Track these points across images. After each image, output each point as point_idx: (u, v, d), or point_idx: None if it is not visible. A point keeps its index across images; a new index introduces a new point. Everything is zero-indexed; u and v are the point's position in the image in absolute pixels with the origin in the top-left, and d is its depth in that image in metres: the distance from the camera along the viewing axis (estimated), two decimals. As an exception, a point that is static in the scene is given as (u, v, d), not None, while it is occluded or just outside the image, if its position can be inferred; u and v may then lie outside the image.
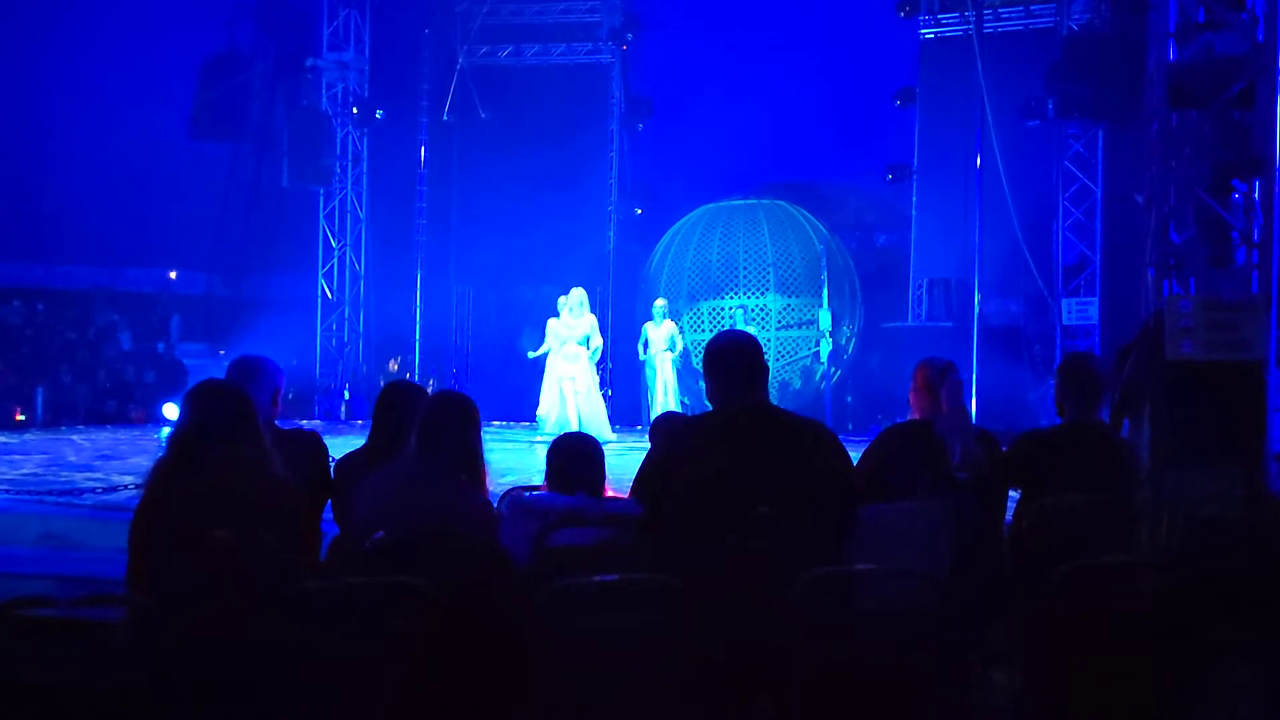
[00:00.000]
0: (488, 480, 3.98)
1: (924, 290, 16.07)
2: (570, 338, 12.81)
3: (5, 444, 12.24)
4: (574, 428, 12.46)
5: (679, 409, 12.73)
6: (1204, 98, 7.47)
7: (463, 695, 3.16)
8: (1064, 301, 14.72)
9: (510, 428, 14.46)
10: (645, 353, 13.63)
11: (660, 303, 13.83)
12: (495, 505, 4.19)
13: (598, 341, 13.06)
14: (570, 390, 12.67)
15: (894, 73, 16.50)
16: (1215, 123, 7.50)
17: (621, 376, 16.44)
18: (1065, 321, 14.67)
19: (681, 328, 15.69)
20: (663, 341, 13.50)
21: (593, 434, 12.34)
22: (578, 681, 3.00)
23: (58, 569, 6.23)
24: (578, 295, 13.00)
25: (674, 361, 13.53)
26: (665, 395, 13.37)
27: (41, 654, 3.09)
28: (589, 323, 12.98)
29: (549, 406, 12.77)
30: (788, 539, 3.64)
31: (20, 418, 14.77)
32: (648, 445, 4.45)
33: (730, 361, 3.99)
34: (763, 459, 3.83)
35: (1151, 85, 8.03)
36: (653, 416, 13.33)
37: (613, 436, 12.57)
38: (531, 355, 13.09)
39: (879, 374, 16.07)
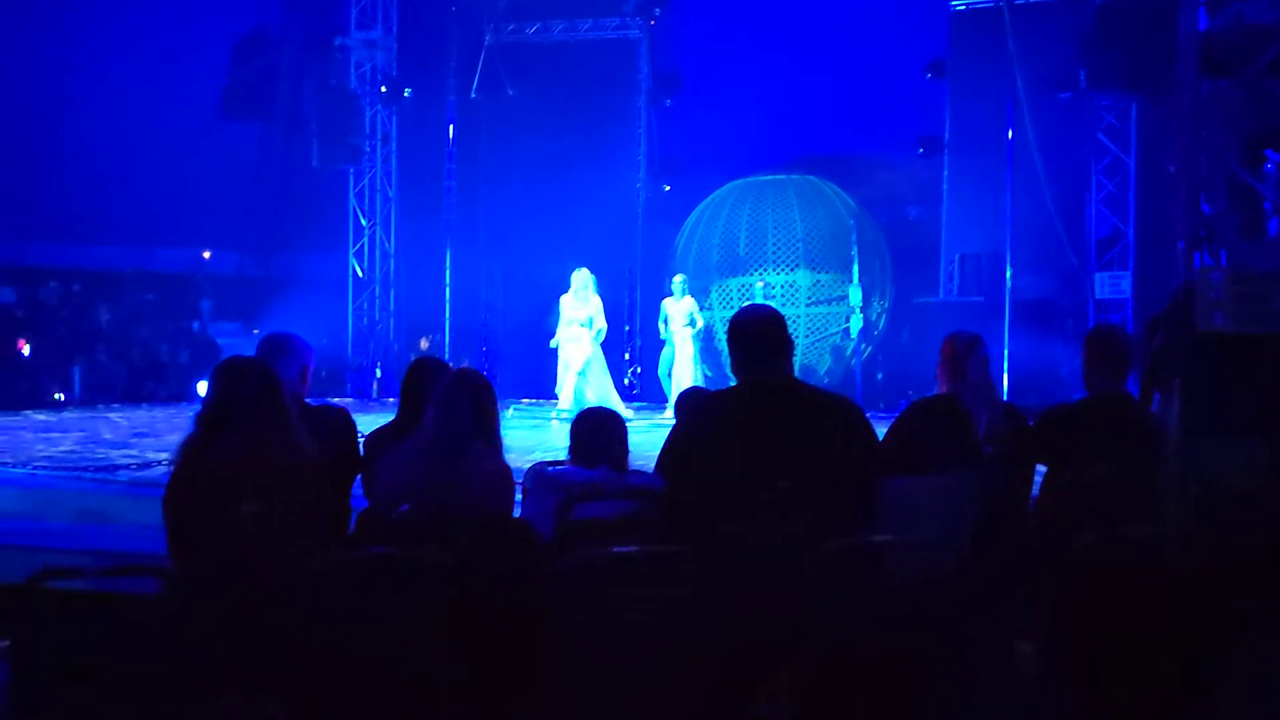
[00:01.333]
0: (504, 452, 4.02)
1: (955, 265, 15.95)
2: (575, 319, 12.78)
3: (44, 422, 12.43)
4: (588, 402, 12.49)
5: (701, 384, 12.70)
6: (1235, 66, 7.36)
7: (487, 666, 3.20)
8: (1097, 275, 14.57)
9: (539, 405, 14.52)
10: (665, 330, 13.58)
11: (679, 278, 13.74)
12: (519, 480, 4.23)
13: (601, 324, 12.96)
14: (574, 372, 12.67)
15: (924, 45, 16.34)
16: (1246, 92, 7.39)
17: (650, 353, 16.43)
18: (1098, 295, 14.52)
19: (710, 304, 15.67)
20: (682, 318, 13.44)
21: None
22: (599, 653, 3.03)
23: (94, 543, 6.36)
24: (583, 278, 12.89)
25: (694, 338, 13.47)
26: (684, 372, 13.29)
27: (75, 625, 3.16)
28: (595, 306, 12.88)
29: (567, 389, 12.78)
30: (810, 513, 3.65)
31: (58, 397, 14.97)
32: (665, 422, 4.49)
33: (754, 336, 3.99)
34: (786, 433, 3.84)
35: (1182, 54, 7.91)
36: (670, 393, 13.36)
37: (630, 414, 12.59)
38: (553, 344, 13.07)
39: (909, 349, 15.98)
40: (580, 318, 12.78)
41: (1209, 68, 7.45)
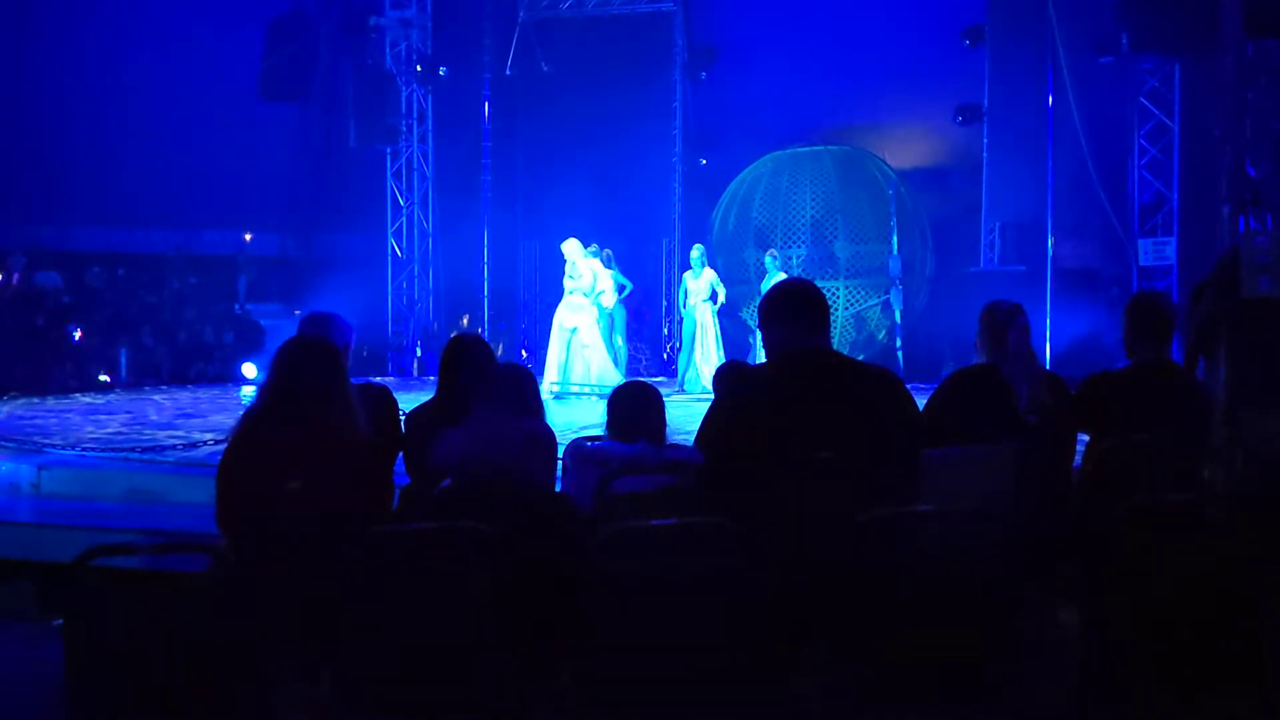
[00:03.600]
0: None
1: (996, 233, 15.82)
2: (578, 288, 12.79)
3: (91, 405, 12.63)
4: (580, 378, 12.55)
5: (720, 359, 12.70)
6: (1280, 26, 7.20)
7: (529, 637, 3.23)
8: (1141, 242, 14.38)
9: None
10: (685, 305, 13.55)
11: (696, 251, 13.66)
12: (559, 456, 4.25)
13: (603, 286, 12.92)
14: (577, 343, 12.68)
15: (962, 11, 16.15)
16: (1294, 52, 7.23)
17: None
18: (1142, 262, 14.34)
19: (749, 278, 15.62)
20: (702, 292, 13.40)
21: (604, 385, 12.41)
22: (640, 625, 3.05)
23: (143, 523, 6.48)
24: (569, 250, 12.85)
25: (713, 312, 13.44)
26: (706, 347, 13.26)
27: (126, 603, 3.22)
28: (589, 273, 12.86)
29: (553, 360, 12.81)
30: (852, 484, 3.65)
31: (104, 379, 15.20)
32: (688, 398, 4.50)
33: (792, 308, 3.97)
34: (826, 405, 3.83)
35: (1225, 15, 7.75)
36: (685, 369, 13.37)
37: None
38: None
39: (950, 320, 15.86)
40: (584, 286, 12.77)
41: (1253, 28, 7.29)
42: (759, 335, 13.92)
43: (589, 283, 12.79)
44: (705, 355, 13.18)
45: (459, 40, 17.61)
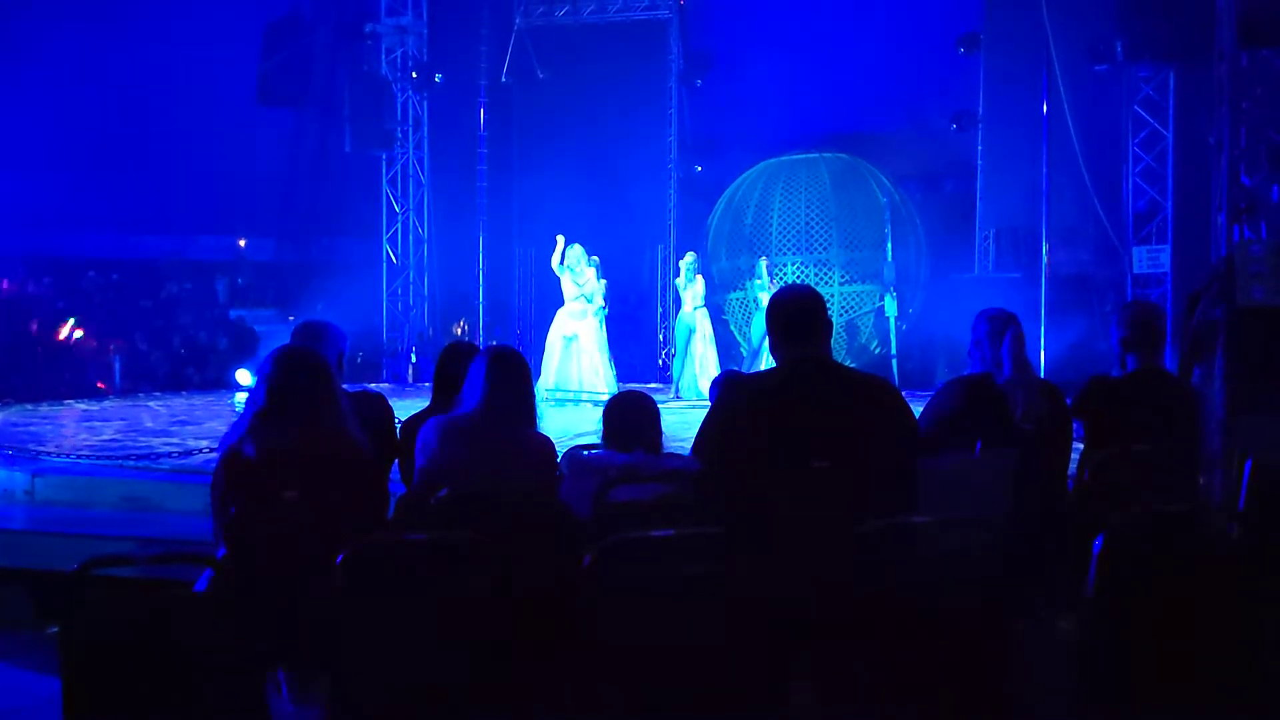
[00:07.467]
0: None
1: (991, 240, 15.84)
2: (582, 293, 12.85)
3: (86, 411, 12.60)
4: (574, 384, 12.62)
5: (717, 366, 12.76)
6: (1275, 36, 7.21)
7: (526, 647, 3.23)
8: (1135, 250, 14.41)
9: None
10: (679, 312, 13.61)
11: (688, 259, 13.67)
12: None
13: (593, 287, 12.99)
14: (575, 349, 12.74)
15: (957, 19, 16.17)
16: (1288, 61, 7.26)
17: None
18: (1136, 270, 14.35)
19: (746, 285, 15.63)
20: (697, 298, 13.44)
21: (597, 391, 12.54)
22: (637, 634, 3.05)
23: (137, 530, 6.46)
24: (575, 254, 12.94)
25: (707, 317, 13.50)
26: (702, 354, 13.28)
27: (121, 610, 3.21)
28: (590, 277, 12.96)
29: (551, 365, 12.85)
30: (849, 493, 3.64)
31: (99, 385, 15.17)
32: (684, 405, 4.51)
33: (792, 316, 3.97)
34: (823, 414, 3.83)
35: (1221, 24, 7.77)
36: (680, 376, 13.39)
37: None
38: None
39: (945, 326, 15.88)
40: (588, 290, 12.87)
41: (1249, 37, 7.31)
42: (747, 342, 13.98)
43: (593, 286, 12.87)
44: (701, 361, 13.22)
45: (455, 47, 17.61)
